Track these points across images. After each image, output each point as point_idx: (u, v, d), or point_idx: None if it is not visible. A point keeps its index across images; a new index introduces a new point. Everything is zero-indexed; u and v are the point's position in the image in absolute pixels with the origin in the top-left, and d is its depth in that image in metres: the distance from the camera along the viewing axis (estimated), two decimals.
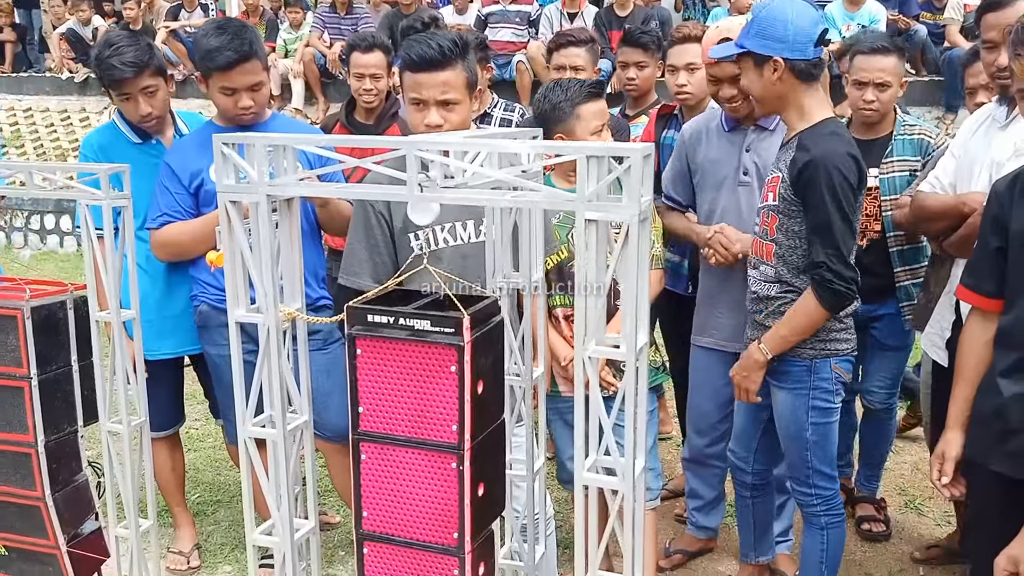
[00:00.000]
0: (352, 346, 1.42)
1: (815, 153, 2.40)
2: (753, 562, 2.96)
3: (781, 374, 2.58)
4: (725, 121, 2.98)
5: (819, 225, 2.41)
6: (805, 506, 2.68)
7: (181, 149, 2.95)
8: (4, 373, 1.96)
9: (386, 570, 1.48)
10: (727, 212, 2.91)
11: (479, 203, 1.37)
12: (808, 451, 2.59)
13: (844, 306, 2.48)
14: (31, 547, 2.10)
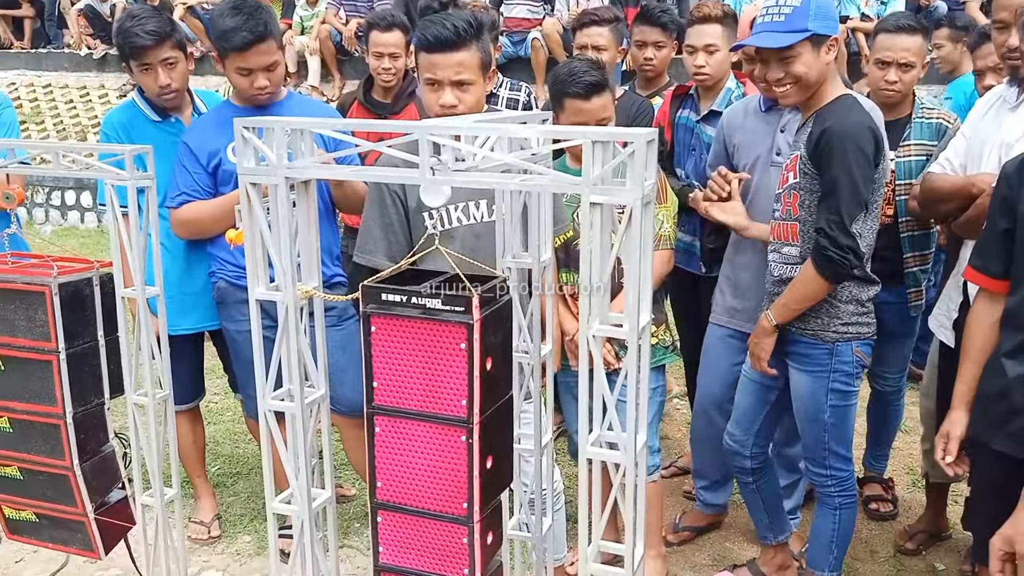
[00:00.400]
0: (367, 324, 1.48)
1: (832, 123, 2.41)
2: (773, 543, 2.96)
3: (802, 356, 2.59)
4: (762, 101, 2.99)
5: (827, 191, 2.42)
6: (819, 486, 2.70)
7: (199, 129, 3.00)
8: (33, 347, 2.04)
9: (399, 538, 1.55)
10: (760, 192, 2.92)
11: (489, 186, 1.42)
12: (826, 433, 2.61)
13: (841, 275, 2.47)
14: (60, 514, 2.19)
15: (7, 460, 2.17)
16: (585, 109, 2.66)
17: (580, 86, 2.65)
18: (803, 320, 2.56)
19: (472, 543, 1.50)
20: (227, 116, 2.94)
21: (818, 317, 2.55)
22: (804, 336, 2.57)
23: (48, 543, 2.28)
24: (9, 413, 2.11)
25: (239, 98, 2.97)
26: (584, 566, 1.44)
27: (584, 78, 2.64)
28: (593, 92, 2.64)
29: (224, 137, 2.85)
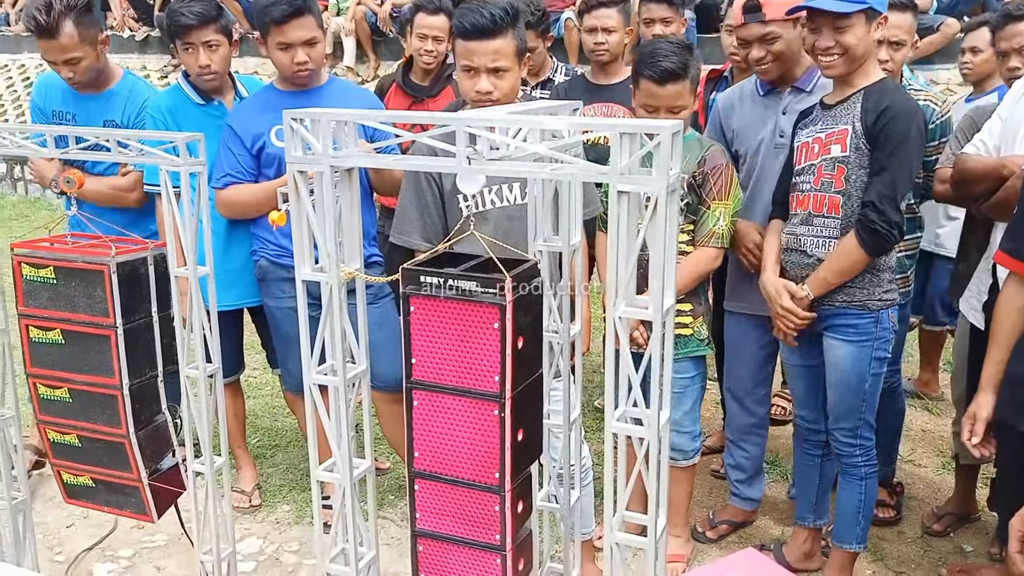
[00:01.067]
0: (406, 304, 1.57)
1: (896, 103, 2.45)
2: (812, 525, 2.97)
3: (847, 327, 2.62)
4: (760, 84, 3.00)
5: (882, 168, 2.45)
6: (847, 457, 2.73)
7: (243, 112, 3.11)
8: (93, 323, 2.16)
9: (435, 505, 1.65)
10: (764, 176, 2.95)
11: (521, 175, 1.50)
12: (863, 402, 2.64)
13: (884, 249, 2.52)
14: (116, 479, 2.32)
15: (67, 428, 2.30)
16: (657, 94, 2.65)
17: (656, 70, 2.63)
18: (847, 292, 2.59)
19: (503, 511, 1.59)
20: (270, 100, 3.05)
21: (863, 287, 2.58)
22: (851, 307, 2.59)
23: (104, 507, 2.41)
24: (69, 384, 2.24)
25: (281, 80, 3.07)
26: (609, 535, 1.53)
27: (662, 63, 2.62)
28: (668, 79, 2.63)
29: (268, 121, 2.96)
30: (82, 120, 3.32)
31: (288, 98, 3.02)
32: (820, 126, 2.63)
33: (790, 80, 2.92)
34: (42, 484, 3.58)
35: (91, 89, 3.31)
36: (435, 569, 1.68)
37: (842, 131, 2.54)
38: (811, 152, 2.63)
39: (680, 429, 2.94)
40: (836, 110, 2.58)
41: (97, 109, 3.32)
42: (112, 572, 3.11)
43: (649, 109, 2.71)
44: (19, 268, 2.21)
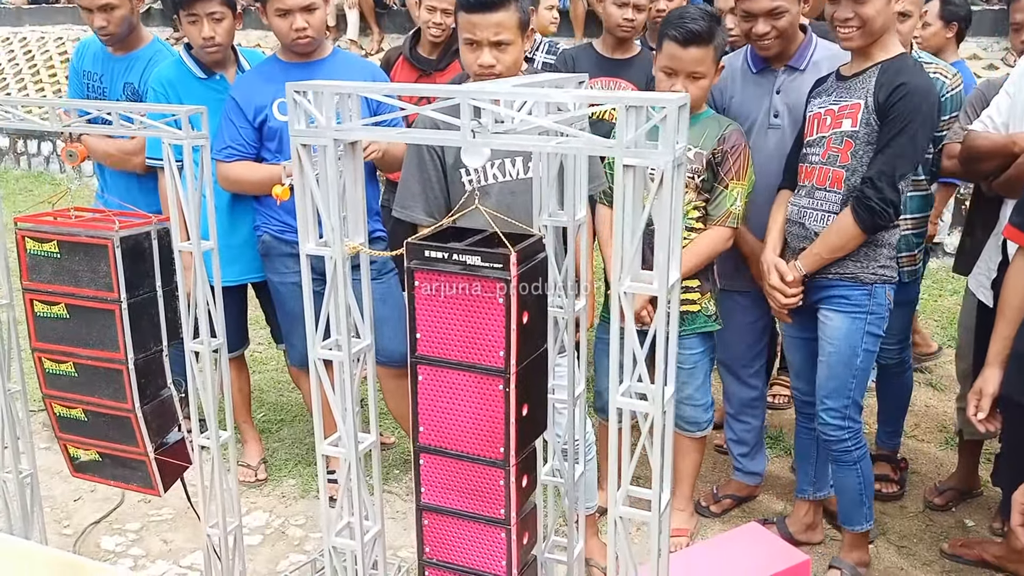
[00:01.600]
0: (411, 278, 1.56)
1: (912, 80, 2.42)
2: (811, 498, 2.99)
3: (840, 298, 2.61)
4: (752, 62, 2.96)
5: (885, 144, 2.44)
6: (836, 442, 2.70)
7: (246, 83, 3.09)
8: (97, 297, 2.16)
9: (440, 479, 1.65)
10: (756, 156, 2.91)
11: (526, 148, 1.48)
12: (854, 379, 2.63)
13: (878, 227, 2.51)
14: (122, 453, 2.33)
15: (73, 402, 2.31)
16: (678, 56, 2.61)
17: (680, 31, 2.58)
18: (840, 264, 2.58)
19: (508, 485, 1.60)
20: (273, 71, 3.03)
21: (857, 260, 2.57)
22: (843, 280, 2.59)
23: (110, 480, 2.43)
24: (75, 358, 2.25)
25: (283, 51, 3.05)
26: (613, 509, 1.53)
27: (688, 24, 2.58)
28: (692, 41, 2.58)
29: (270, 93, 2.94)
30: (107, 80, 3.34)
31: (291, 69, 2.99)
32: (834, 97, 2.60)
33: (784, 58, 2.89)
34: (50, 458, 3.60)
35: (120, 49, 3.34)
36: (440, 543, 1.69)
37: (855, 105, 2.52)
38: (823, 124, 2.60)
39: (693, 403, 2.96)
40: (851, 82, 2.55)
41: (120, 70, 3.34)
42: (120, 545, 3.14)
43: (668, 72, 2.66)
44: (23, 242, 2.21)
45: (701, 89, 2.66)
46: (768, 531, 2.71)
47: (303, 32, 2.90)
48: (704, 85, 2.67)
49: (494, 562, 1.65)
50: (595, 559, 2.88)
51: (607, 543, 1.57)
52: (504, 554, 1.64)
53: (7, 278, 2.35)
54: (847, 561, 2.83)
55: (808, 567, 2.40)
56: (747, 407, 3.23)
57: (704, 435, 3.06)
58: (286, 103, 1.54)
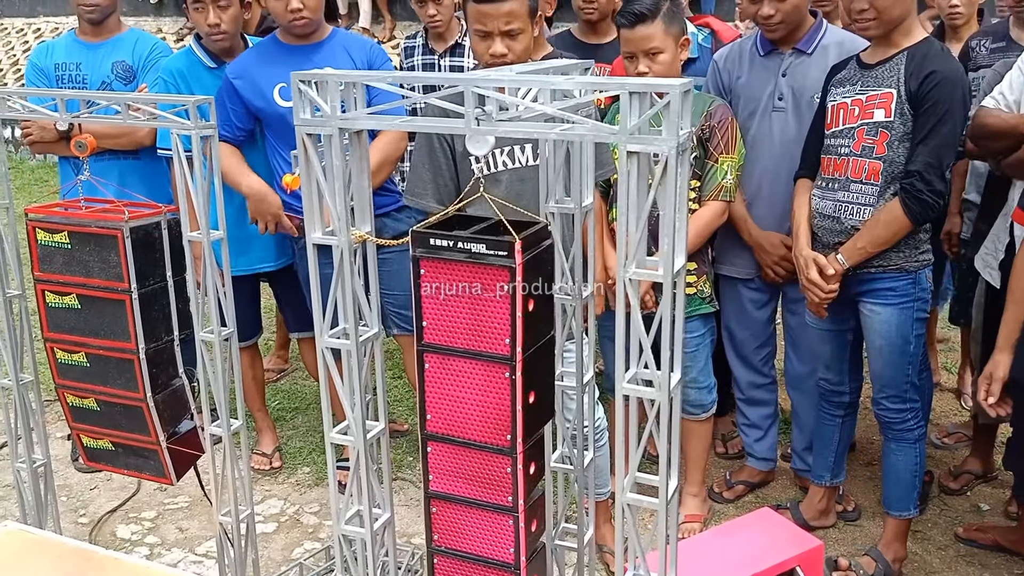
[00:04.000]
0: (416, 267, 1.56)
1: (942, 68, 2.39)
2: (828, 484, 2.97)
3: (886, 291, 2.59)
4: (760, 45, 2.94)
5: (927, 135, 2.40)
6: (897, 424, 2.69)
7: (243, 64, 3.05)
8: (108, 287, 2.17)
9: (448, 467, 1.66)
10: (760, 139, 2.91)
11: (531, 135, 1.48)
12: (910, 365, 2.62)
13: (928, 219, 2.50)
14: (135, 443, 2.35)
15: (85, 392, 2.33)
16: (629, 38, 2.66)
17: (625, 14, 2.65)
18: (883, 256, 2.55)
19: (515, 472, 1.60)
20: (272, 53, 3.00)
21: (900, 251, 2.55)
22: (889, 272, 2.56)
23: (124, 469, 2.45)
24: (86, 348, 2.27)
25: (282, 32, 3.03)
26: (620, 496, 1.53)
27: (633, 7, 2.63)
28: (637, 20, 2.63)
29: (269, 76, 2.93)
30: (88, 67, 3.35)
31: (291, 52, 2.98)
32: (859, 86, 2.55)
33: (792, 41, 2.87)
34: (66, 447, 3.64)
35: (96, 37, 3.37)
36: (449, 530, 1.70)
37: (886, 94, 2.47)
38: (850, 115, 2.55)
39: (697, 385, 2.98)
40: (877, 71, 2.51)
41: (104, 54, 3.37)
42: (135, 533, 3.17)
43: (628, 55, 2.69)
44: (33, 233, 2.22)
45: (663, 65, 2.65)
46: (781, 516, 2.70)
47: (299, 13, 2.87)
48: (665, 60, 2.66)
49: (502, 549, 1.66)
50: (608, 545, 2.89)
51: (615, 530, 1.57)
52: (512, 541, 1.65)
53: (19, 269, 2.37)
54: (884, 556, 2.77)
55: (821, 552, 2.39)
56: (757, 390, 3.22)
57: (710, 417, 3.07)
58: (288, 88, 1.54)
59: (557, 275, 1.78)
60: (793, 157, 2.84)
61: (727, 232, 3.02)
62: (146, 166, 3.35)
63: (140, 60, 3.34)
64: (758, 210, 2.96)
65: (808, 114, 2.81)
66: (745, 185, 2.96)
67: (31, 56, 3.53)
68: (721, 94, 3.01)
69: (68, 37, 3.46)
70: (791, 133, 2.86)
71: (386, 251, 2.82)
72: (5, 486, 3.45)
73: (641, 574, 1.57)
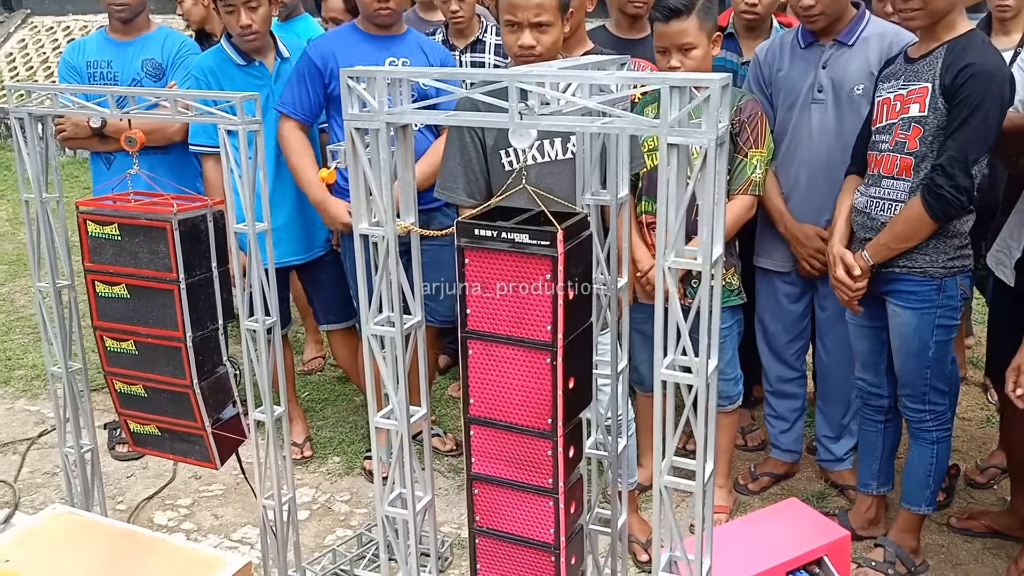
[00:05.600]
0: (461, 256, 1.62)
1: (979, 60, 2.35)
2: (875, 492, 2.92)
3: (908, 294, 2.56)
4: (801, 37, 2.95)
5: (955, 128, 2.36)
6: (915, 422, 2.68)
7: (325, 48, 3.12)
8: (156, 277, 2.25)
9: (490, 450, 1.71)
10: (799, 132, 2.92)
11: (572, 129, 1.53)
12: (928, 369, 2.59)
13: (950, 216, 2.43)
14: (181, 428, 2.42)
15: (133, 379, 2.41)
16: (664, 32, 2.69)
17: (661, 9, 2.68)
18: (909, 258, 2.52)
19: (556, 455, 1.65)
20: (353, 41, 3.10)
21: (926, 254, 2.51)
22: (912, 274, 2.53)
23: (169, 454, 2.53)
24: (135, 337, 2.34)
25: (363, 20, 3.11)
26: (658, 479, 1.58)
27: (668, 2, 2.66)
28: (672, 15, 2.65)
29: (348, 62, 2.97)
30: (118, 64, 3.44)
31: (370, 41, 3.08)
32: (902, 81, 2.53)
33: (833, 33, 2.88)
34: (103, 437, 3.72)
35: (126, 35, 3.46)
36: (490, 511, 1.75)
37: (922, 88, 2.45)
38: (891, 110, 2.54)
39: (724, 377, 3.01)
40: (918, 65, 2.48)
41: (134, 51, 3.46)
42: (172, 520, 3.25)
43: (661, 50, 2.73)
44: (84, 225, 2.30)
45: (695, 60, 2.68)
46: (807, 507, 2.73)
47: (386, 4, 2.98)
48: (697, 56, 2.69)
49: (542, 530, 1.71)
50: (635, 535, 2.94)
51: (651, 516, 1.62)
52: (552, 522, 1.70)
53: (68, 260, 2.45)
54: (895, 541, 2.79)
55: (848, 542, 2.43)
56: (787, 384, 3.24)
57: (736, 409, 3.11)
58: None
59: (592, 266, 1.83)
60: (831, 149, 2.84)
61: (765, 225, 3.05)
62: (175, 161, 3.44)
63: (169, 58, 3.44)
64: (795, 202, 2.97)
65: (848, 106, 2.80)
66: (782, 177, 2.98)
67: (64, 54, 3.62)
68: (762, 87, 3.02)
69: (99, 35, 3.55)
70: (830, 125, 2.85)
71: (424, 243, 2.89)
72: (44, 473, 3.54)
73: (678, 555, 1.61)
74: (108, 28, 3.53)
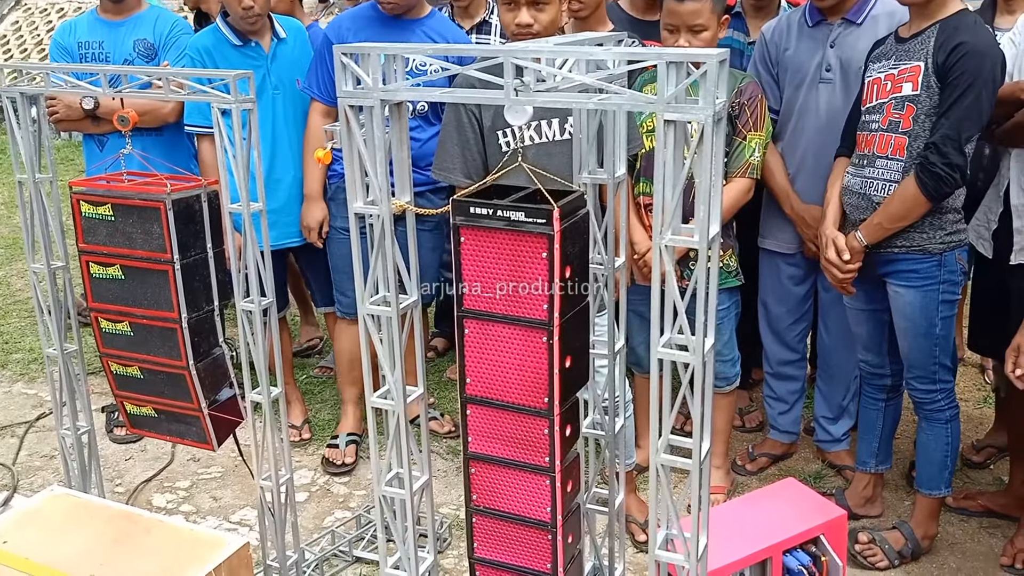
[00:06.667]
0: (456, 234, 1.61)
1: (971, 39, 2.35)
2: (873, 471, 2.94)
3: (909, 272, 2.56)
4: (809, 15, 2.92)
5: (948, 107, 2.37)
6: (927, 404, 2.68)
7: (342, 29, 3.13)
8: (151, 258, 2.23)
9: (486, 429, 1.71)
10: (806, 111, 2.90)
11: (568, 105, 1.52)
12: (936, 347, 2.59)
13: (944, 194, 2.44)
14: (178, 409, 2.42)
15: (129, 360, 2.40)
16: (676, 11, 2.67)
17: None
18: (906, 237, 2.52)
19: (552, 434, 1.65)
20: (371, 23, 3.09)
21: (922, 231, 2.51)
22: (911, 253, 2.54)
23: (166, 435, 2.52)
24: (130, 318, 2.33)
25: (382, 2, 3.08)
26: (655, 457, 1.58)
27: None
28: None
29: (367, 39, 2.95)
30: (109, 45, 3.41)
31: (389, 24, 3.06)
32: (893, 61, 2.53)
33: (841, 11, 2.85)
34: (100, 420, 3.72)
35: (118, 15, 3.43)
36: (487, 490, 1.75)
37: (915, 67, 2.45)
38: (882, 90, 2.54)
39: (722, 358, 3.01)
40: (910, 44, 2.49)
41: (126, 31, 3.43)
42: (171, 503, 3.25)
43: (670, 29, 2.71)
44: (78, 206, 2.28)
45: (703, 42, 2.67)
46: (804, 486, 2.74)
47: None
48: (706, 38, 2.68)
49: (539, 509, 1.71)
50: (633, 515, 2.94)
51: (647, 495, 1.62)
52: (549, 501, 1.70)
53: (63, 241, 2.43)
54: (914, 531, 2.78)
55: (844, 521, 2.43)
56: (787, 366, 3.24)
57: (733, 390, 3.11)
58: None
59: (590, 245, 1.82)
60: (839, 130, 2.81)
61: (771, 206, 3.05)
62: (168, 142, 3.42)
63: (161, 38, 3.41)
64: (802, 183, 2.95)
65: (856, 86, 2.77)
66: (789, 158, 2.97)
67: (55, 34, 3.59)
68: (768, 67, 3.00)
69: (90, 15, 3.51)
70: (838, 105, 2.83)
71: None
72: (43, 456, 3.55)
73: (675, 533, 1.62)
74: (99, 8, 3.49)
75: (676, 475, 1.61)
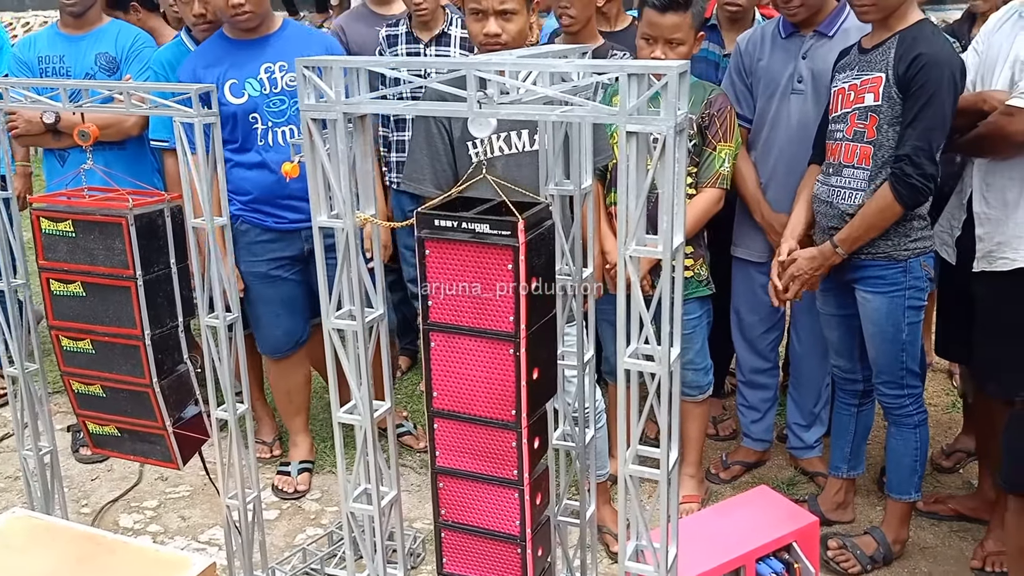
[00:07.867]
0: (421, 247, 1.60)
1: (929, 50, 2.40)
2: (845, 476, 2.96)
3: (875, 279, 2.61)
4: (782, 27, 2.96)
5: (914, 118, 2.41)
6: (895, 409, 2.71)
7: (191, 66, 3.01)
8: (113, 274, 2.20)
9: (454, 443, 1.69)
10: (778, 122, 2.93)
11: (531, 118, 1.51)
12: (903, 352, 2.63)
13: (919, 203, 2.49)
14: (142, 428, 2.38)
15: (91, 379, 2.36)
16: (656, 22, 2.68)
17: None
18: (872, 244, 2.57)
19: (520, 447, 1.64)
20: (220, 51, 2.97)
21: (888, 239, 2.55)
22: (876, 259, 2.58)
23: (130, 455, 2.48)
24: (92, 335, 2.29)
25: (228, 27, 3.00)
26: (623, 468, 1.57)
27: None
28: (669, 7, 2.65)
29: (219, 75, 2.86)
30: (70, 59, 3.37)
31: (238, 47, 2.95)
32: (856, 71, 2.58)
33: (813, 24, 2.89)
34: (66, 439, 3.66)
35: (78, 30, 3.39)
36: (455, 505, 1.73)
37: (876, 78, 2.50)
38: (846, 100, 2.58)
39: (694, 367, 3.01)
40: (871, 55, 2.53)
41: (87, 45, 3.39)
42: (138, 523, 3.20)
43: (648, 39, 2.72)
44: (38, 222, 2.24)
45: (679, 55, 2.69)
46: (778, 494, 2.74)
47: (240, 8, 2.82)
48: (682, 52, 2.70)
49: (508, 522, 1.70)
50: (607, 526, 2.94)
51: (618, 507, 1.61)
52: (518, 514, 1.68)
53: (22, 258, 2.39)
54: (886, 535, 2.80)
55: (817, 528, 2.44)
56: (759, 375, 3.26)
57: (706, 399, 3.11)
58: (239, 84, 1.56)
59: (557, 256, 1.81)
60: (810, 140, 2.85)
61: (743, 214, 3.07)
62: (132, 156, 3.38)
63: (123, 51, 3.37)
64: (773, 192, 2.99)
65: (827, 97, 2.80)
66: (761, 166, 3.00)
67: (14, 50, 3.54)
68: (743, 76, 3.03)
69: (50, 30, 3.47)
70: (809, 115, 2.87)
71: None
72: (7, 478, 3.48)
73: (644, 544, 1.61)
74: (59, 23, 3.45)
75: (648, 485, 1.60)
